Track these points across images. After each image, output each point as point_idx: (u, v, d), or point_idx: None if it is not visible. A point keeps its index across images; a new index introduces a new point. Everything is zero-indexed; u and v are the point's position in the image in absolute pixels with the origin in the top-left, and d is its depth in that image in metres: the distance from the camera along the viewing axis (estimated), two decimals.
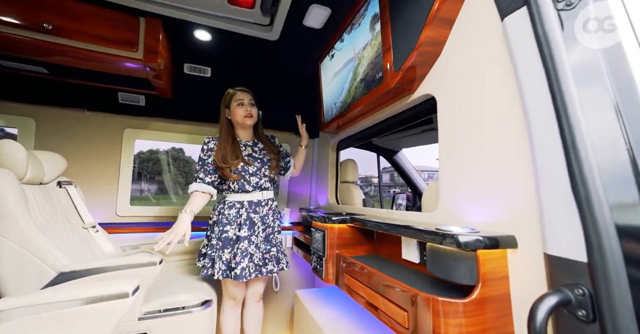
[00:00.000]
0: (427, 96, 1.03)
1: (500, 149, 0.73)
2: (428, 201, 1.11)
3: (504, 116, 0.72)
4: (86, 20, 1.36)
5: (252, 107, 1.49)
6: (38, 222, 1.19)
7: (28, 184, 1.27)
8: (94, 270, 1.10)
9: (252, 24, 1.55)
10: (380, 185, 2.63)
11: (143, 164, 19.80)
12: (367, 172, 25.20)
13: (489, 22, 0.77)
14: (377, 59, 1.16)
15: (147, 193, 17.30)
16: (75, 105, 1.73)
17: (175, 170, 15.92)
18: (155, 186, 18.16)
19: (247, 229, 1.42)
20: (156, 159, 19.92)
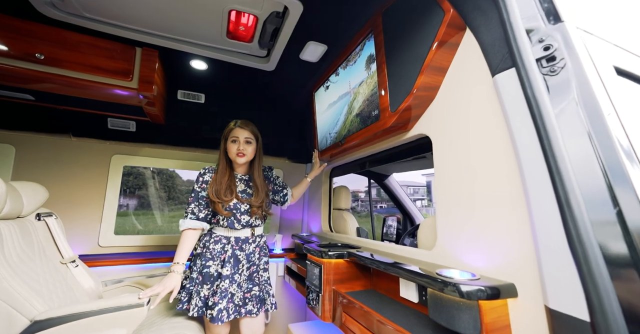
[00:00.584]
0: (422, 135, 1.07)
1: (496, 196, 0.75)
2: (424, 236, 1.13)
3: (498, 164, 0.75)
4: (81, 50, 1.35)
5: (246, 145, 1.44)
6: (12, 261, 1.10)
7: (4, 219, 1.20)
8: (74, 316, 1.02)
9: (249, 55, 1.58)
10: (372, 210, 2.64)
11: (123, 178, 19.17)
12: (354, 187, 25.43)
13: (480, 73, 0.82)
14: (373, 97, 1.21)
15: (125, 209, 16.50)
16: (60, 131, 1.67)
17: (158, 184, 15.36)
18: (135, 201, 17.40)
19: (231, 267, 1.36)
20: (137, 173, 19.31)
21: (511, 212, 0.71)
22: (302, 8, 1.17)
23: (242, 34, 1.40)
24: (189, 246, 1.36)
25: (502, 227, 0.73)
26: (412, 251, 1.06)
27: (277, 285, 2.02)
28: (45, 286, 1.21)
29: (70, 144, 1.69)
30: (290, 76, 1.77)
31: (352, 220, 1.81)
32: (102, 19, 1.30)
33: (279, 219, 2.20)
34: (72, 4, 1.20)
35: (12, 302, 0.99)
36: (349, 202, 1.91)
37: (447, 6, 0.88)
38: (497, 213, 0.75)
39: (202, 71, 1.73)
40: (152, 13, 1.25)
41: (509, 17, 0.72)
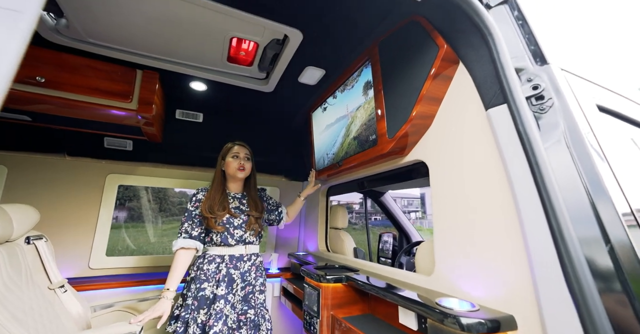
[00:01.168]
0: (419, 161, 1.10)
1: (491, 225, 0.77)
2: (423, 260, 1.13)
3: (493, 193, 0.78)
4: (82, 73, 1.36)
5: (246, 161, 1.50)
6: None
7: None
8: None
9: (248, 77, 1.62)
10: (368, 229, 2.64)
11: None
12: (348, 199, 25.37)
13: (474, 105, 0.85)
14: (371, 122, 1.24)
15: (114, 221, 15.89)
16: (54, 151, 1.65)
17: (151, 196, 15.00)
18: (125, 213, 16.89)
19: (225, 286, 1.33)
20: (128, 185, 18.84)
21: (507, 241, 0.73)
22: (301, 36, 1.22)
23: (242, 58, 1.43)
24: (181, 268, 1.32)
25: (499, 256, 0.75)
26: (410, 275, 1.06)
27: (272, 306, 1.98)
28: (31, 315, 1.17)
29: (64, 164, 1.68)
30: (288, 97, 1.81)
31: (349, 240, 1.80)
32: (104, 44, 1.32)
33: (275, 238, 2.18)
34: (77, 30, 1.22)
35: None
36: (346, 221, 1.92)
37: (441, 42, 0.93)
38: (493, 242, 0.76)
39: (202, 92, 1.75)
40: (154, 38, 1.28)
41: (499, 55, 0.76)
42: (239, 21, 1.16)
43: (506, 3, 0.84)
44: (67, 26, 1.20)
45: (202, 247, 1.41)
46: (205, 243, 1.43)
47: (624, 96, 0.88)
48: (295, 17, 1.13)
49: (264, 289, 1.49)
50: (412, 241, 2.58)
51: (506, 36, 0.80)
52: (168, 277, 1.30)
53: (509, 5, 0.84)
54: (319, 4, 1.06)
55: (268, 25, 1.17)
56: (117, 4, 1.08)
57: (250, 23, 1.16)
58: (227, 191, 1.51)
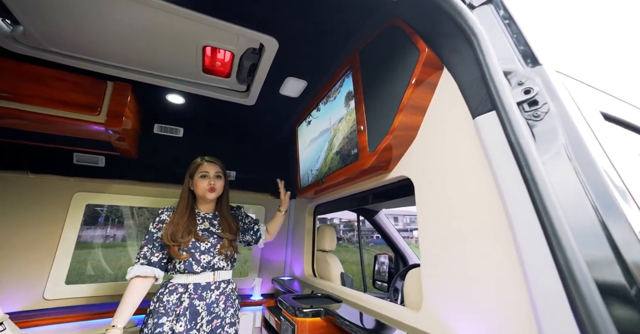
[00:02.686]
0: (403, 177, 0.98)
1: (485, 253, 0.65)
2: (411, 290, 0.99)
3: (484, 215, 0.66)
4: (46, 84, 1.28)
5: (216, 179, 1.36)
6: None
7: None
8: None
9: (228, 90, 1.54)
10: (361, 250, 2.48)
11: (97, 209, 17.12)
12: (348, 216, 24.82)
13: (460, 114, 0.75)
14: (352, 134, 1.14)
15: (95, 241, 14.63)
16: (16, 168, 1.53)
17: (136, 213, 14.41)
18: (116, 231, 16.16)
19: (187, 321, 1.16)
20: None
21: (504, 272, 0.60)
22: (277, 44, 1.15)
23: (219, 69, 1.36)
24: (133, 300, 1.14)
25: (495, 289, 0.61)
26: (398, 311, 0.91)
27: None
28: None
29: (26, 182, 1.55)
30: (271, 111, 1.72)
31: (337, 264, 1.65)
32: (70, 53, 1.25)
33: (259, 260, 2.01)
34: (35, 38, 1.15)
35: None
36: (334, 243, 1.77)
37: (422, 46, 0.84)
38: (488, 273, 0.63)
39: (180, 105, 1.67)
40: (122, 47, 1.21)
41: (484, 57, 0.67)
42: (211, 29, 1.09)
43: (491, 2, 0.77)
44: (24, 33, 1.13)
45: (163, 275, 1.24)
46: (167, 270, 1.27)
47: (631, 104, 0.78)
48: (268, 23, 1.06)
49: (236, 320, 1.31)
50: (408, 263, 2.41)
51: (492, 37, 0.71)
52: (117, 311, 1.12)
53: (494, 4, 0.76)
54: (291, 9, 0.99)
55: (241, 33, 1.10)
56: (74, 9, 1.01)
57: (222, 30, 1.09)
58: (196, 211, 1.37)
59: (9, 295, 1.44)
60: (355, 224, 20.41)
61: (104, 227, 15.62)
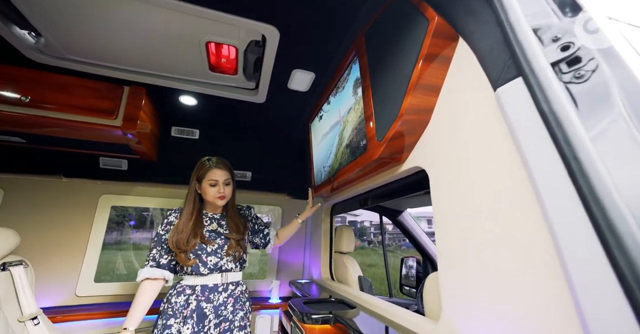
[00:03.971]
0: (418, 168, 0.86)
1: (517, 256, 0.51)
2: (430, 297, 0.86)
3: (515, 209, 0.53)
4: (67, 91, 1.35)
5: (226, 187, 1.32)
6: None
7: None
8: None
9: (237, 88, 1.52)
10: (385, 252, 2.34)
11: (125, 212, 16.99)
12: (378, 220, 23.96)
13: (479, 89, 0.63)
14: (361, 125, 1.04)
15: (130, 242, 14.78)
16: (51, 172, 1.65)
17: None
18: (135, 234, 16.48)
19: (195, 324, 1.14)
20: None
21: (541, 279, 0.47)
22: (278, 34, 1.09)
23: (224, 66, 1.34)
24: (145, 302, 1.15)
25: (530, 299, 0.48)
26: (414, 320, 0.79)
27: None
28: None
29: (60, 186, 1.66)
30: (282, 108, 1.68)
31: (354, 267, 1.54)
32: (86, 60, 1.30)
33: (277, 262, 1.96)
34: (55, 47, 1.21)
35: None
36: (352, 244, 1.66)
37: (431, 14, 0.73)
38: (519, 278, 0.50)
39: (193, 106, 1.69)
40: (132, 50, 1.23)
41: (507, 15, 0.55)
42: (211, 22, 1.06)
43: None
44: (45, 44, 1.19)
45: (172, 277, 1.24)
46: (176, 272, 1.26)
47: None
48: (266, 11, 1.01)
49: (246, 324, 1.26)
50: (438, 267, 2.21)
51: None
52: (128, 313, 1.13)
53: None
54: None
55: (241, 24, 1.06)
56: (85, 16, 1.04)
57: (222, 23, 1.06)
58: (203, 212, 1.35)
59: (44, 291, 1.53)
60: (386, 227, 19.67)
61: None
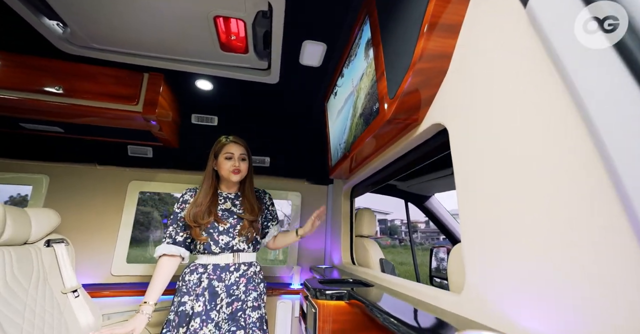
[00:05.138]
0: (438, 126, 0.77)
1: (559, 203, 0.41)
2: (453, 268, 0.76)
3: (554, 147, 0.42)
4: (93, 80, 1.43)
5: (241, 162, 1.32)
6: None
7: (4, 245, 1.20)
8: None
9: (250, 69, 1.51)
10: (411, 237, 2.20)
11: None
12: (413, 217, 23.11)
13: (509, 16, 0.53)
14: (373, 88, 0.96)
15: None
16: (87, 160, 1.77)
17: None
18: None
19: (207, 301, 1.14)
20: None
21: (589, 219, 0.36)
22: (284, 1, 1.05)
23: (235, 44, 1.33)
24: (163, 278, 1.18)
25: (575, 253, 0.38)
26: (435, 294, 0.70)
27: (293, 328, 1.69)
28: (29, 318, 1.14)
29: (95, 172, 1.77)
30: (297, 87, 1.64)
31: (375, 250, 1.45)
32: (108, 48, 1.36)
33: (297, 248, 1.93)
34: (80, 37, 1.28)
35: None
36: (373, 227, 1.58)
37: None
38: (564, 238, 0.40)
39: (210, 92, 1.71)
40: (148, 35, 1.27)
41: None
42: None
43: None
44: (71, 33, 1.26)
45: (188, 255, 1.26)
46: (192, 251, 1.28)
47: None
48: None
49: (260, 304, 1.24)
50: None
51: None
52: (148, 288, 1.17)
53: None
54: None
55: None
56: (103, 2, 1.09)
57: None
58: (218, 191, 1.35)
59: (85, 270, 1.65)
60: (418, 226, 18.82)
61: None
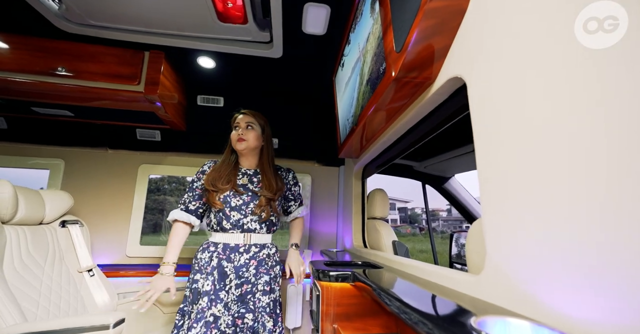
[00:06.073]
0: (455, 82, 0.65)
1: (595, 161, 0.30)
2: (472, 246, 0.66)
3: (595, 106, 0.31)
4: (94, 59, 1.40)
5: (247, 130, 1.29)
6: (8, 269, 1.09)
7: (19, 224, 1.23)
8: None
9: (251, 42, 1.42)
10: (429, 220, 2.08)
11: None
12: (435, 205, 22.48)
13: None
14: (379, 47, 0.84)
15: None
16: (99, 144, 1.79)
17: None
18: None
19: (214, 281, 1.13)
20: None
21: None
22: None
23: (233, 13, 1.24)
24: (177, 241, 1.22)
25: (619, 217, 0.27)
26: (450, 275, 0.61)
27: (305, 313, 1.66)
28: (45, 294, 1.17)
29: (107, 156, 1.79)
30: (302, 60, 1.53)
31: (388, 232, 1.36)
32: (106, 24, 1.32)
33: (309, 231, 1.88)
34: (76, 13, 1.24)
35: None
36: (386, 209, 1.48)
37: None
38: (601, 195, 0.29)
39: (212, 70, 1.64)
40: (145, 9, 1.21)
41: None
42: None
43: None
44: (67, 10, 1.23)
45: (198, 223, 1.28)
46: (207, 225, 1.30)
47: None
48: None
49: (273, 288, 1.20)
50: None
51: None
52: (166, 251, 1.21)
53: None
54: None
55: None
56: None
57: None
58: (238, 166, 1.34)
59: (102, 251, 1.70)
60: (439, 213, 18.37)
61: None
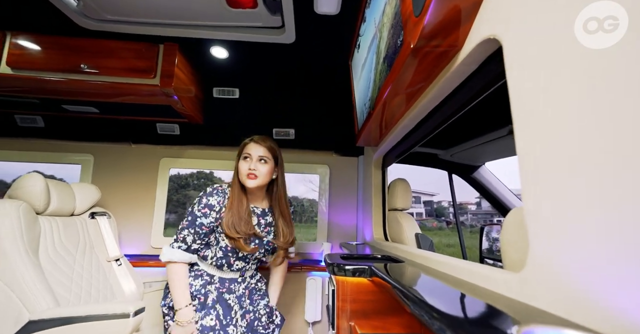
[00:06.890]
0: (488, 45, 0.55)
1: None
2: (509, 238, 0.56)
3: None
4: (114, 55, 1.43)
5: (261, 164, 1.13)
6: (43, 256, 1.15)
7: (52, 215, 1.29)
8: (62, 320, 0.95)
9: (263, 28, 1.37)
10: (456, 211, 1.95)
11: None
12: (463, 198, 21.44)
13: None
14: (397, 17, 0.75)
15: None
16: (123, 139, 1.84)
17: None
18: None
19: (222, 316, 1.07)
20: None
21: None
22: None
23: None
24: (185, 283, 1.11)
25: None
26: (483, 271, 0.52)
27: (324, 306, 1.63)
28: (78, 283, 1.23)
29: (130, 151, 1.85)
30: (316, 44, 1.46)
31: (410, 224, 1.27)
32: (121, 18, 1.33)
33: (327, 224, 1.83)
34: (93, 8, 1.26)
35: (23, 298, 0.99)
36: (408, 200, 1.39)
37: None
38: None
39: (226, 60, 1.62)
40: None
41: None
42: None
43: None
44: (85, 6, 1.24)
45: (196, 260, 1.20)
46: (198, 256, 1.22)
47: None
48: None
49: (272, 307, 1.26)
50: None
51: None
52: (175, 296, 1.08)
53: None
54: None
55: None
56: None
57: None
58: (249, 204, 1.18)
59: (129, 241, 1.77)
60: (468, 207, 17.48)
61: None
